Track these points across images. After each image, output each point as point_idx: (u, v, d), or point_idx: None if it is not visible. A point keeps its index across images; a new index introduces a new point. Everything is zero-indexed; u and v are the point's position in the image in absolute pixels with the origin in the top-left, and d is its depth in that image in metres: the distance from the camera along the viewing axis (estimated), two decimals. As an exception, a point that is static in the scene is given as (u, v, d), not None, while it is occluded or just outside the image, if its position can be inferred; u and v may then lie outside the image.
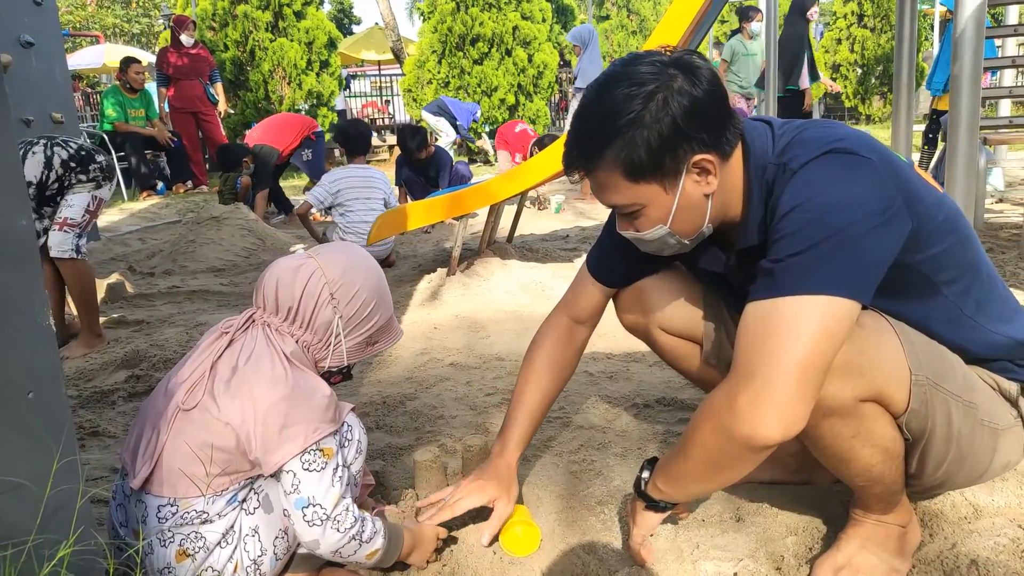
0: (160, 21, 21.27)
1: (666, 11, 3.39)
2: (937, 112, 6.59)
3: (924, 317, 1.22)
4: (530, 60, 11.68)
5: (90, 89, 16.46)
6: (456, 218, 3.95)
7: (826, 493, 1.57)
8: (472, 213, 3.88)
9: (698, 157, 1.14)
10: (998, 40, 6.60)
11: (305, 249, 1.39)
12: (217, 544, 1.22)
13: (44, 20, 4.58)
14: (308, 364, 1.30)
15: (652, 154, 1.12)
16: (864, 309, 1.13)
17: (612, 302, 1.58)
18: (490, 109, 11.46)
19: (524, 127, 7.45)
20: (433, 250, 4.91)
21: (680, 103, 1.11)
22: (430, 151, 5.73)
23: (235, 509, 1.25)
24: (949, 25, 5.24)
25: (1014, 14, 6.11)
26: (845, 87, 15.07)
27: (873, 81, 15.06)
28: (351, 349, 1.35)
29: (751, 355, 1.07)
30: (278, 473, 1.22)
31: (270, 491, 1.27)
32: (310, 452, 1.21)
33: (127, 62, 8.26)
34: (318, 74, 10.97)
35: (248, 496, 1.27)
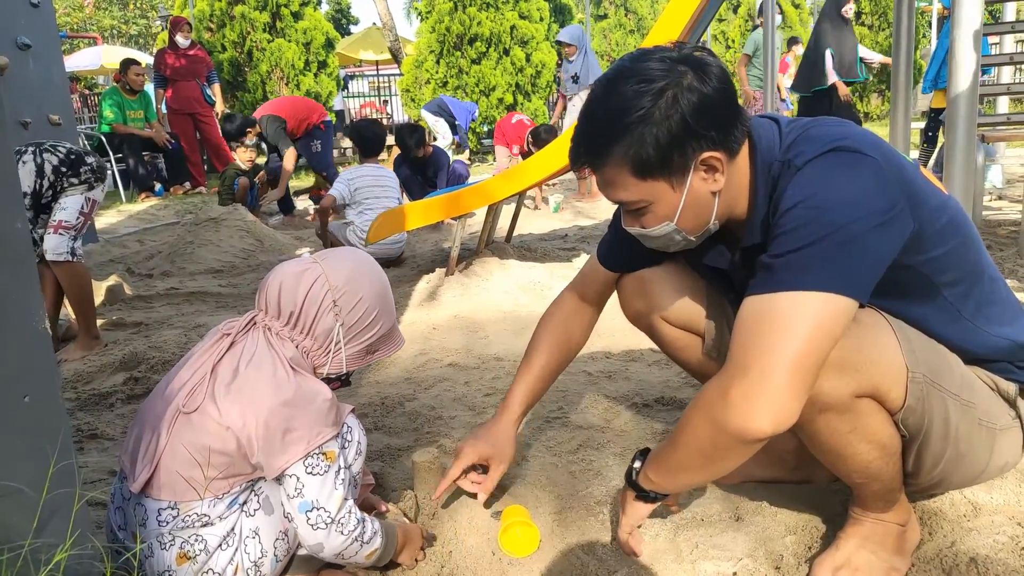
0: (158, 22, 21.28)
1: (663, 9, 3.39)
2: (935, 110, 6.58)
3: (923, 317, 1.22)
4: (528, 59, 11.67)
5: (88, 91, 16.43)
6: (454, 218, 3.95)
7: (825, 492, 1.57)
8: (470, 213, 3.88)
9: (706, 155, 1.14)
10: (995, 37, 6.59)
11: (311, 252, 1.39)
12: (218, 547, 1.22)
13: (41, 22, 4.58)
14: (307, 369, 1.30)
15: (660, 151, 1.12)
16: (862, 307, 1.13)
17: (616, 292, 1.59)
18: (488, 108, 11.45)
19: (521, 118, 7.41)
20: (431, 250, 4.91)
21: (690, 100, 1.11)
22: (428, 151, 5.74)
23: (236, 511, 1.25)
24: (947, 22, 5.23)
25: (1011, 11, 6.10)
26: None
27: (871, 79, 15.03)
28: (351, 357, 1.34)
29: (746, 348, 1.07)
30: (281, 477, 1.22)
31: (270, 493, 1.27)
32: (313, 456, 1.21)
33: (127, 64, 8.26)
34: (316, 75, 10.97)
35: (248, 498, 1.26)
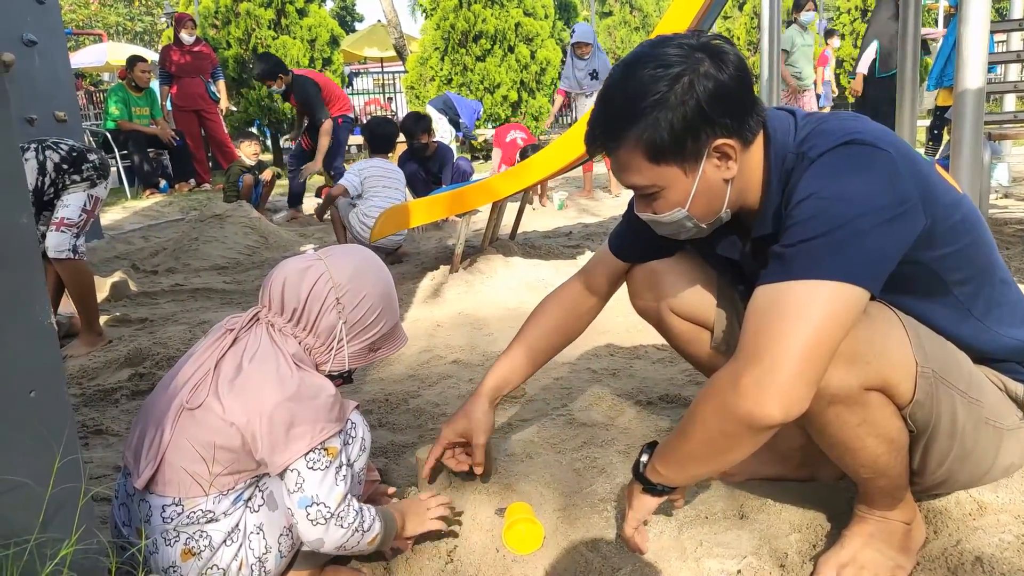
0: (163, 19, 21.29)
1: (668, 6, 3.38)
2: (940, 108, 6.56)
3: (932, 314, 1.22)
4: (532, 57, 11.65)
5: (93, 88, 16.45)
6: (459, 215, 3.95)
7: (830, 490, 1.57)
8: (474, 210, 3.88)
9: (720, 142, 1.14)
10: (1002, 35, 6.56)
11: (315, 249, 1.38)
12: (222, 542, 1.22)
13: (47, 19, 4.58)
14: (310, 366, 1.29)
15: (675, 136, 1.13)
16: (872, 300, 1.12)
17: (625, 284, 1.59)
18: (493, 106, 11.44)
19: (515, 136, 7.18)
20: (436, 247, 4.91)
21: (706, 87, 1.11)
22: (433, 146, 5.75)
23: (240, 507, 1.25)
24: (953, 20, 5.21)
25: (1019, 8, 6.07)
26: (848, 82, 14.99)
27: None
28: (353, 355, 1.34)
29: (758, 336, 1.07)
30: (283, 472, 1.22)
31: (275, 489, 1.27)
32: (315, 451, 1.21)
33: (133, 60, 8.28)
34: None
35: (253, 494, 1.26)
